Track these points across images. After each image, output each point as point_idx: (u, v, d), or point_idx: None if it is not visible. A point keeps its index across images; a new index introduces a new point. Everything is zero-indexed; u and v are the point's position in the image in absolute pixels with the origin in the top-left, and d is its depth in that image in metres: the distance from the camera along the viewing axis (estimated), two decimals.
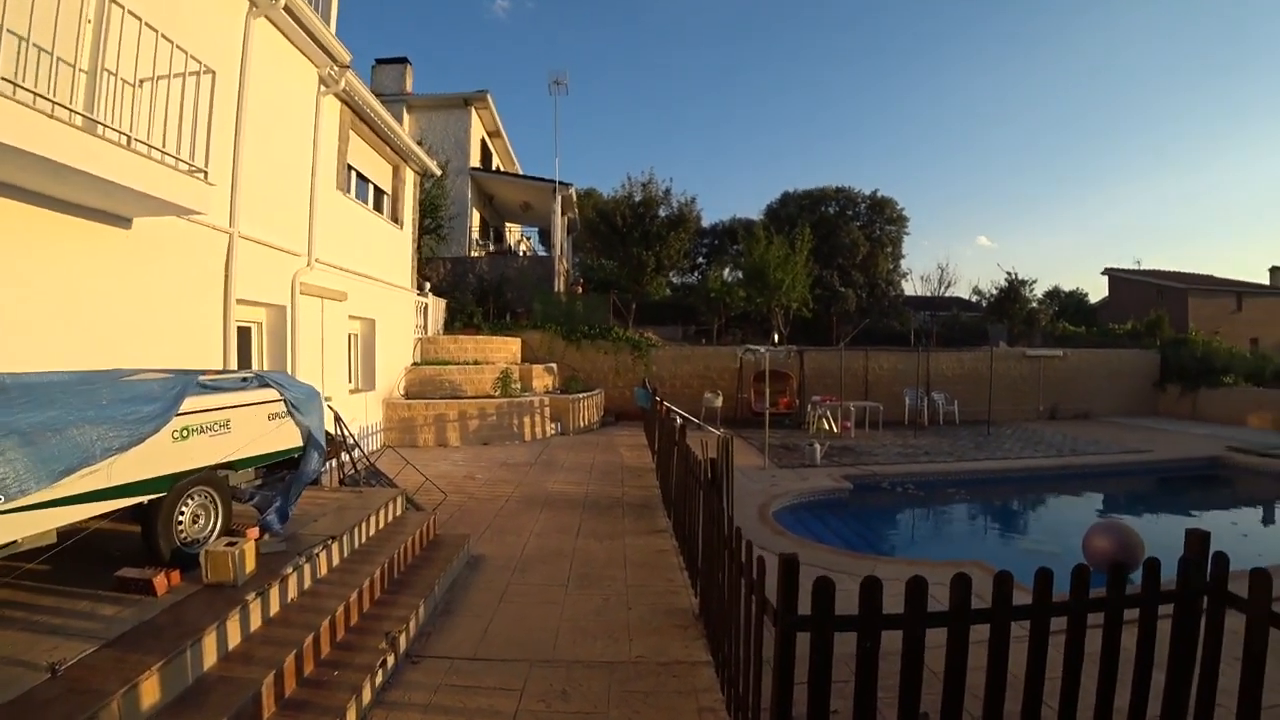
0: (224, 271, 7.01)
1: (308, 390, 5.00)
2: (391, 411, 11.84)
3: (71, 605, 3.39)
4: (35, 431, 2.94)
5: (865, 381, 17.97)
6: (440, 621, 4.46)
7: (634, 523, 7.07)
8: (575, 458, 11.19)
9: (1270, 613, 2.49)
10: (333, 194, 9.52)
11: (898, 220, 29.91)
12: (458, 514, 7.24)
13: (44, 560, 3.88)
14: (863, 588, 2.49)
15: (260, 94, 7.50)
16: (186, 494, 3.86)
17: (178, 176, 5.25)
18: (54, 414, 3.09)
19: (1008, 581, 2.68)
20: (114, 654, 2.93)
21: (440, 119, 20.86)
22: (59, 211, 5.03)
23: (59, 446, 3.01)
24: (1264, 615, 2.50)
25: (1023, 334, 23.45)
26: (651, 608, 4.69)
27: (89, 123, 4.68)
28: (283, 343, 8.37)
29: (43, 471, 2.91)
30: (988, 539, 9.04)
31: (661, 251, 18.50)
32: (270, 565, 3.95)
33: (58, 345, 5.02)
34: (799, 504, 8.97)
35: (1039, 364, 19.19)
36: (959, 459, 12.13)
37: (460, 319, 17.23)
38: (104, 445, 3.23)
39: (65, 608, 3.36)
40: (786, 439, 13.78)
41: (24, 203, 4.74)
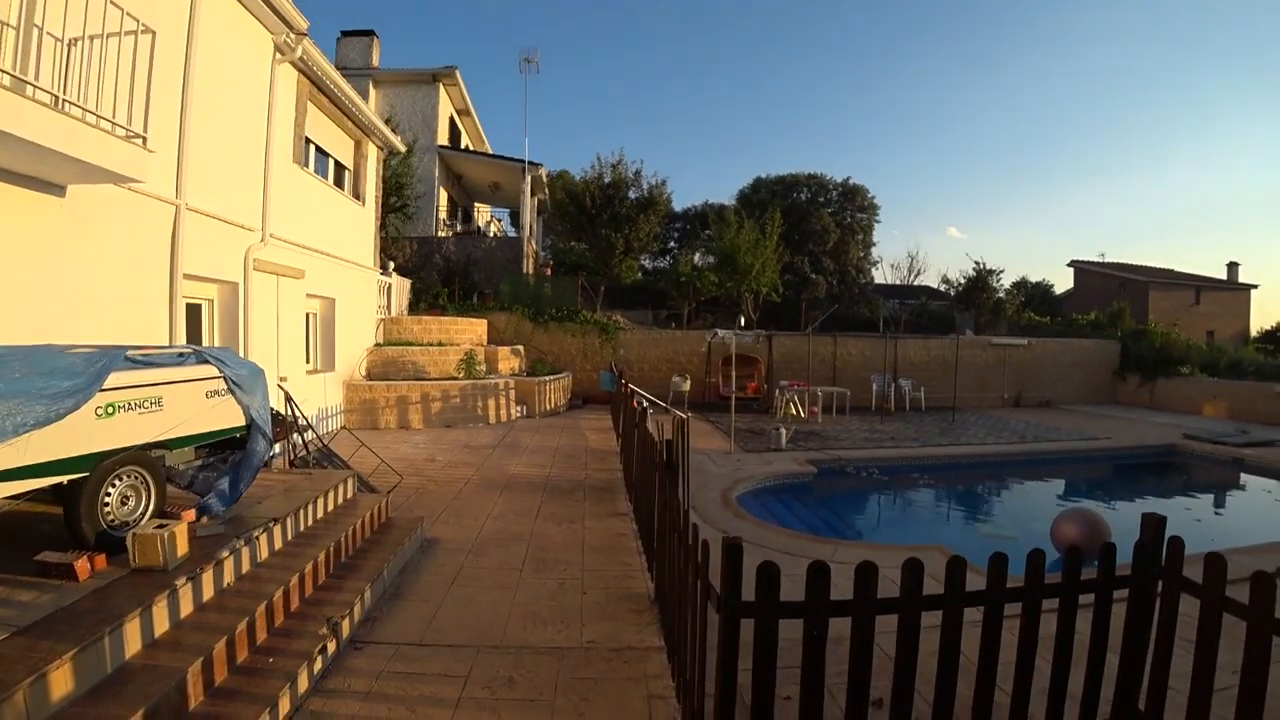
0: (170, 245, 6.70)
1: (250, 368, 4.79)
2: (352, 393, 11.57)
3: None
4: None
5: (834, 367, 18.10)
6: (388, 606, 4.33)
7: (595, 506, 7.00)
8: (539, 440, 11.06)
9: (1224, 597, 2.49)
10: (289, 167, 9.17)
11: (869, 208, 30.10)
12: (415, 497, 7.08)
13: None
14: (809, 573, 2.43)
15: (210, 60, 7.14)
16: (113, 474, 3.65)
17: (112, 141, 4.96)
18: None
19: (961, 567, 2.65)
20: (25, 642, 2.75)
21: (408, 95, 20.32)
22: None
23: None
24: (1218, 600, 2.50)
25: (990, 323, 23.83)
26: (607, 592, 4.62)
27: (16, 82, 4.39)
28: (235, 321, 8.07)
29: None
30: (950, 524, 9.15)
31: (631, 234, 18.31)
32: (206, 549, 3.78)
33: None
34: (763, 488, 8.99)
35: (1004, 352, 19.51)
36: (924, 444, 12.27)
37: (426, 300, 16.90)
38: (15, 421, 3.03)
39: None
40: (753, 423, 13.81)
41: None
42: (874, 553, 5.77)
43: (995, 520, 9.30)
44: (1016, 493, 10.98)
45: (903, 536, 8.19)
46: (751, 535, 6.20)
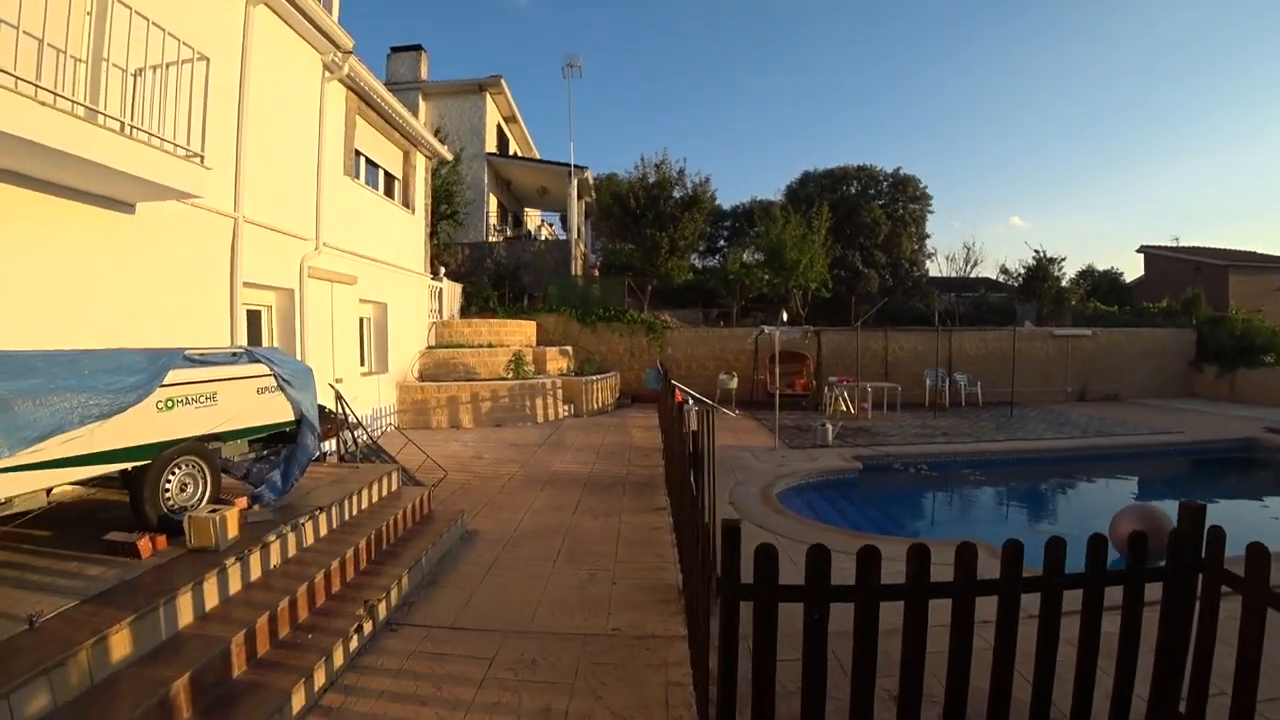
0: (230, 255, 7.15)
1: (298, 366, 5.08)
2: (405, 394, 12.01)
3: (61, 565, 3.53)
4: (11, 398, 3.04)
5: (885, 362, 17.67)
6: (425, 592, 4.52)
7: (633, 500, 7.08)
8: (585, 438, 11.23)
9: (1269, 592, 2.33)
10: (340, 179, 9.62)
11: (921, 199, 29.18)
12: (459, 491, 7.32)
13: (42, 525, 4.08)
14: (809, 557, 2.41)
15: (262, 81, 7.59)
16: (173, 463, 3.95)
17: (173, 161, 5.35)
18: (33, 382, 3.19)
19: (972, 555, 2.56)
20: (91, 609, 3.04)
21: (455, 105, 20.95)
22: (62, 197, 5.17)
23: (33, 414, 3.11)
24: (1262, 594, 2.35)
25: (1053, 314, 22.80)
26: (636, 583, 4.69)
27: (89, 112, 4.79)
28: (292, 325, 8.53)
29: (13, 438, 3.01)
30: (1004, 522, 8.84)
31: (676, 233, 18.33)
32: (255, 533, 4.04)
33: (64, 328, 5.17)
34: (806, 484, 8.88)
35: (1067, 344, 18.65)
36: (977, 440, 11.86)
37: (476, 303, 17.37)
38: (83, 413, 3.33)
39: (54, 568, 3.50)
40: (801, 420, 13.65)
41: (27, 189, 4.88)
42: None
43: (1052, 518, 8.95)
44: (1077, 491, 10.51)
45: (950, 534, 7.93)
46: (789, 531, 6.17)
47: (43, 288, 5.04)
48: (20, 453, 3.06)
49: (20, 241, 4.87)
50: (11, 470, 3.08)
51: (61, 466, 3.32)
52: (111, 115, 4.94)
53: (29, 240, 4.94)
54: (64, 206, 5.18)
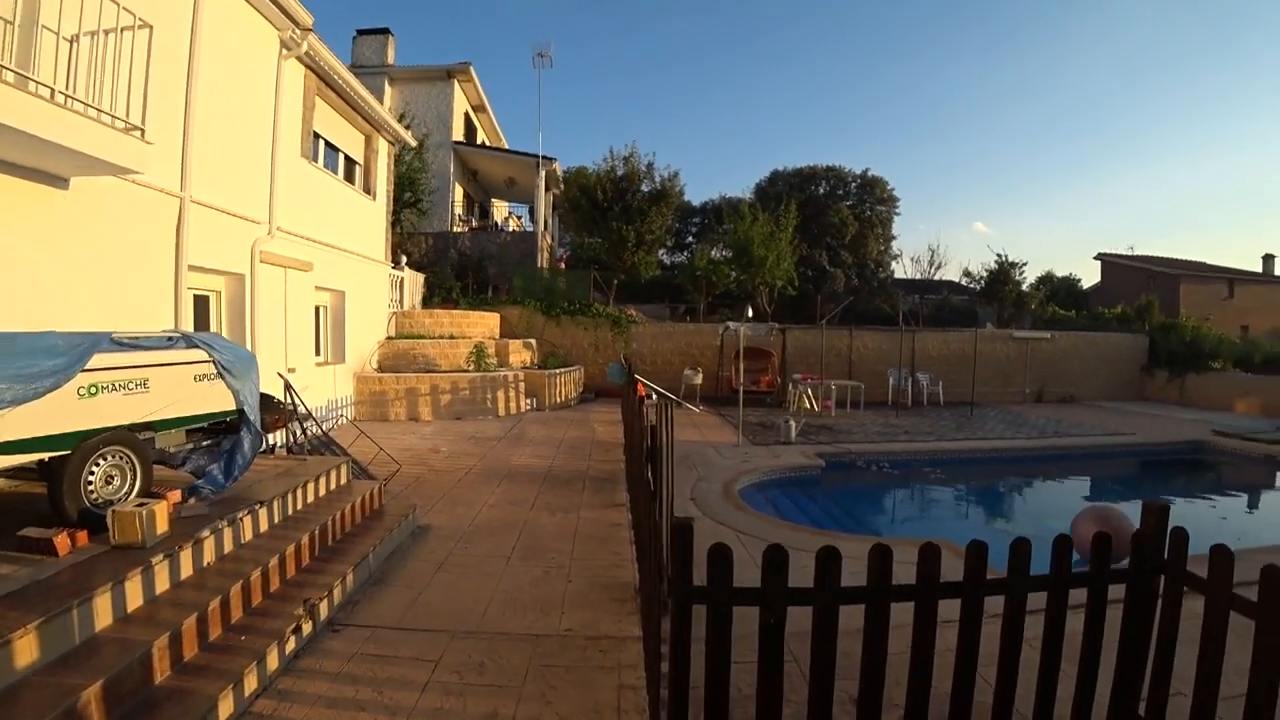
0: (175, 237, 6.81)
1: (241, 353, 4.83)
2: (362, 385, 11.68)
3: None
4: None
5: (849, 361, 17.86)
6: (371, 590, 4.34)
7: (593, 496, 6.96)
8: (546, 432, 11.06)
9: (1231, 594, 2.32)
10: (297, 162, 9.27)
11: (888, 200, 29.57)
12: (413, 485, 7.11)
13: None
14: (766, 557, 2.31)
15: (214, 56, 7.23)
16: (97, 453, 3.70)
17: (110, 134, 5.04)
18: None
19: (935, 556, 2.48)
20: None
21: (423, 92, 20.47)
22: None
23: None
24: (1225, 596, 2.33)
25: (1013, 317, 23.34)
26: (592, 581, 4.57)
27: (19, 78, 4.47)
28: (242, 312, 8.18)
29: None
30: (963, 520, 8.95)
31: (643, 227, 18.20)
32: (189, 528, 3.81)
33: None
34: (768, 480, 8.87)
35: (1026, 346, 19.11)
36: (938, 438, 12.04)
37: (440, 294, 17.01)
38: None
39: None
40: (765, 417, 13.67)
41: None
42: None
43: (1010, 517, 9.09)
44: (1034, 490, 10.73)
45: (911, 532, 8.01)
46: (748, 527, 6.12)
47: None
48: None
49: None
50: None
51: None
52: (42, 82, 4.61)
53: None
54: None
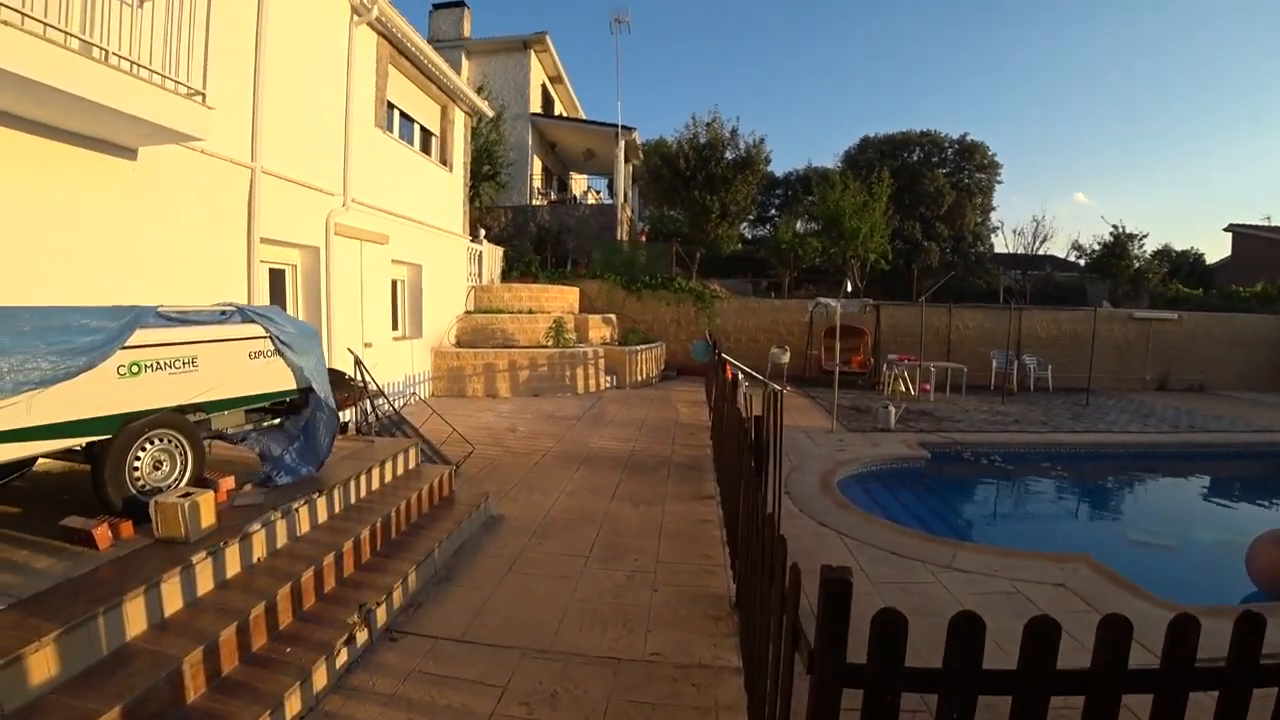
0: (247, 208, 6.61)
1: (303, 327, 4.47)
2: (440, 360, 11.51)
3: (9, 555, 3.01)
4: None
5: (948, 341, 16.45)
6: (435, 591, 3.91)
7: (678, 486, 6.37)
8: (626, 412, 10.55)
9: None
10: (371, 132, 9.00)
11: (989, 167, 26.96)
12: (488, 469, 6.73)
13: (16, 500, 3.62)
14: (952, 627, 1.61)
15: (283, 22, 6.96)
16: (143, 437, 3.38)
17: (169, 98, 4.74)
18: None
19: (1191, 631, 1.62)
20: (15, 617, 2.48)
21: (499, 64, 20.13)
22: (46, 138, 4.63)
23: None
24: None
25: (1128, 295, 20.98)
26: (681, 590, 3.98)
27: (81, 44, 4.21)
28: (317, 286, 8.02)
29: None
30: (1091, 526, 7.82)
31: (727, 197, 17.22)
32: (239, 520, 3.47)
33: (50, 281, 4.68)
34: (867, 473, 8.03)
35: (1148, 328, 17.05)
36: (1054, 429, 10.74)
37: (518, 268, 16.75)
38: (17, 378, 2.76)
39: (2, 557, 2.97)
40: (858, 400, 12.69)
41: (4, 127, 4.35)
42: (1004, 560, 4.80)
43: (1147, 524, 7.83)
44: (1171, 492, 9.36)
45: (1034, 538, 6.99)
46: (853, 529, 5.38)
47: (25, 236, 4.53)
48: None
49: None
50: None
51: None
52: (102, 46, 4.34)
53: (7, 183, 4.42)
54: (49, 148, 4.65)
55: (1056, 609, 3.92)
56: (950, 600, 4.04)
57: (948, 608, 3.96)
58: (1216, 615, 3.93)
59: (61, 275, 4.76)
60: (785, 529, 5.05)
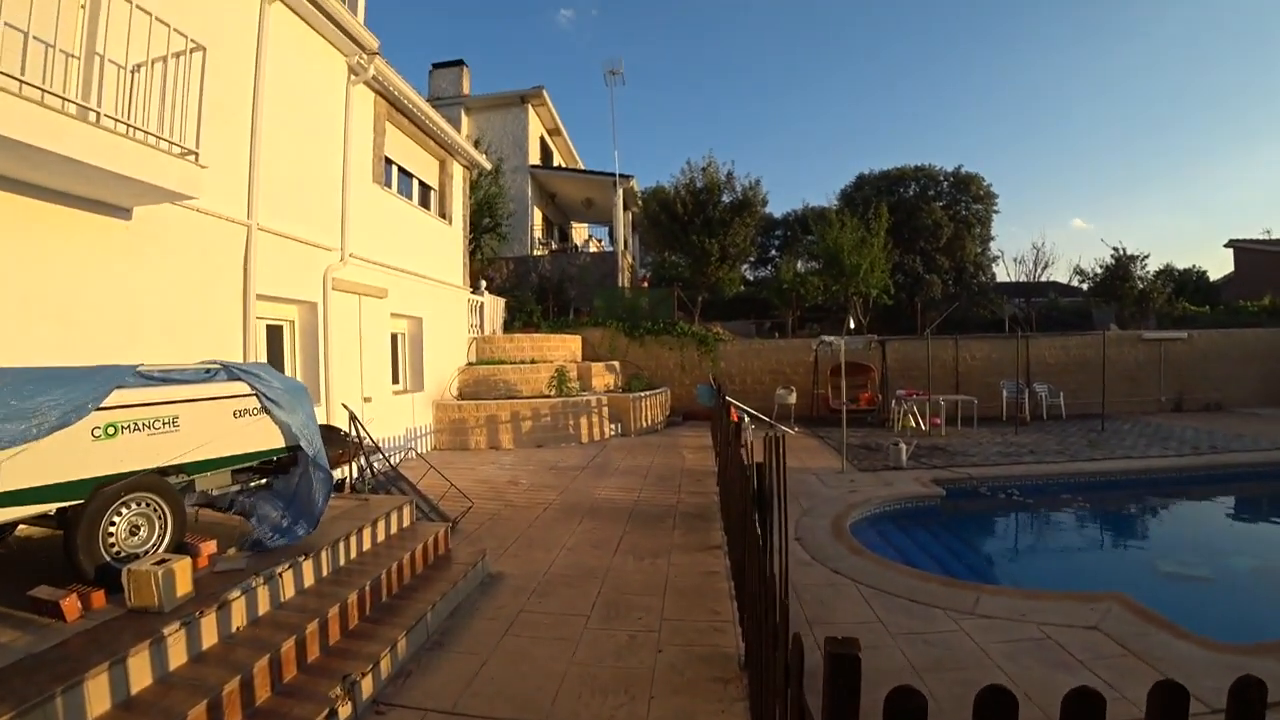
0: (242, 266, 6.61)
1: (290, 384, 4.37)
2: (442, 413, 11.39)
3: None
4: None
5: (956, 373, 16.24)
6: (427, 658, 3.69)
7: (684, 536, 6.14)
8: (631, 461, 10.34)
9: None
10: (368, 187, 9.10)
11: (985, 198, 27.13)
12: (487, 524, 6.53)
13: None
14: (979, 706, 1.35)
15: (280, 83, 7.09)
16: (119, 501, 3.24)
17: (159, 157, 4.76)
18: None
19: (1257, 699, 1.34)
20: None
21: (498, 118, 20.63)
22: (39, 199, 4.65)
23: None
24: None
25: (1134, 317, 20.80)
26: (687, 651, 3.75)
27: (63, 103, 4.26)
28: (315, 341, 7.97)
29: None
30: (1119, 559, 7.50)
31: (726, 239, 17.32)
32: (218, 586, 3.29)
33: (46, 341, 4.63)
34: (881, 514, 7.76)
35: (1159, 348, 16.84)
36: (1071, 458, 10.44)
37: (520, 318, 16.78)
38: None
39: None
40: (868, 438, 12.44)
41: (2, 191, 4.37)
42: (1031, 603, 4.54)
43: (1177, 554, 7.50)
44: (1200, 518, 9.01)
45: (1060, 576, 6.70)
46: (868, 575, 5.13)
47: (20, 298, 4.50)
48: None
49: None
50: None
51: None
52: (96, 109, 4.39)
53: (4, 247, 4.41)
54: (43, 209, 4.65)
55: (1091, 655, 3.67)
56: (975, 650, 3.78)
57: (972, 659, 3.74)
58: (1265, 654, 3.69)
59: (57, 336, 4.72)
60: (796, 578, 4.82)
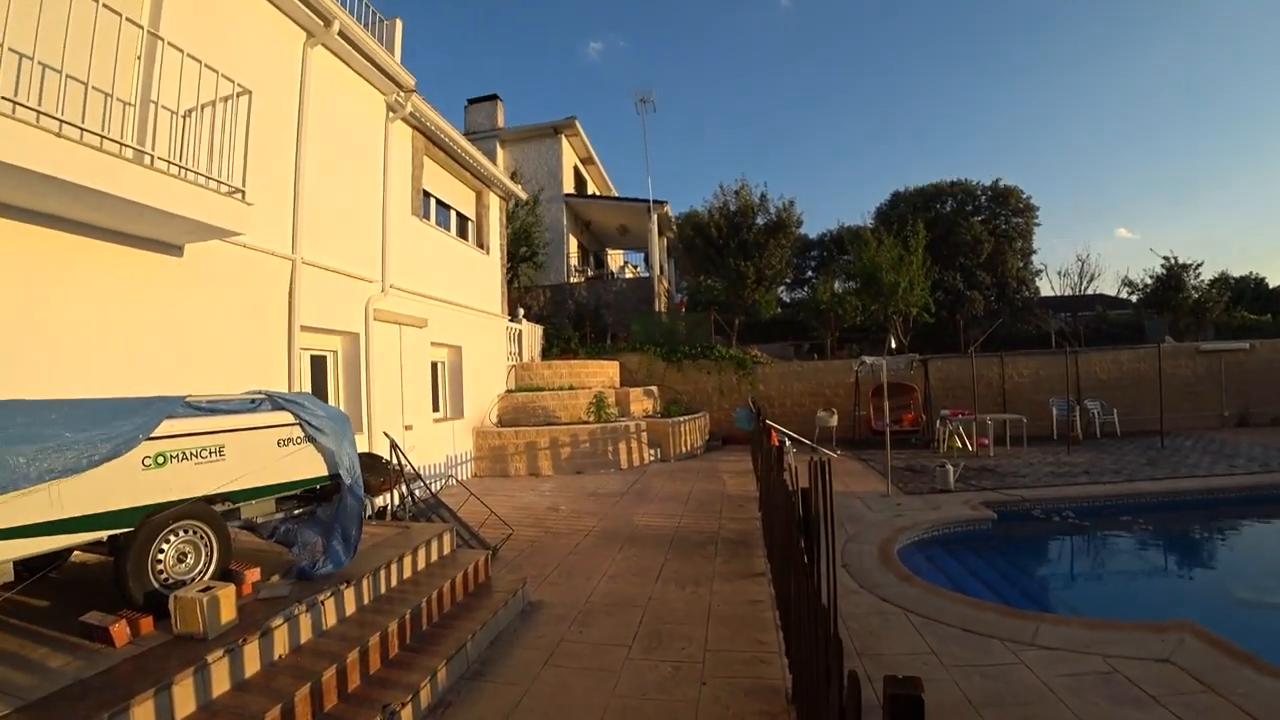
0: (288, 298, 6.80)
1: (332, 413, 4.43)
2: (482, 440, 11.47)
3: (27, 651, 2.95)
4: None
5: (1002, 391, 15.72)
6: (467, 688, 3.63)
7: (726, 564, 6.00)
8: (671, 486, 10.22)
9: None
10: (407, 220, 9.33)
11: (1025, 211, 26.47)
12: (527, 551, 6.48)
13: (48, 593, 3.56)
14: None
15: (322, 122, 7.37)
16: (167, 529, 3.31)
17: (209, 196, 4.96)
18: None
19: None
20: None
21: (532, 150, 21.08)
22: (103, 240, 4.88)
23: None
24: None
25: (1190, 328, 19.91)
26: (731, 683, 3.61)
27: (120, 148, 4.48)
28: (358, 371, 8.13)
29: None
30: (1185, 585, 7.06)
31: (762, 261, 17.26)
32: (262, 614, 3.31)
33: (105, 374, 4.83)
34: (930, 538, 7.47)
35: (1218, 360, 16.03)
36: (1129, 478, 9.92)
37: (558, 345, 16.91)
38: (41, 467, 2.73)
39: (20, 654, 2.92)
40: (913, 460, 12.07)
41: (61, 231, 4.59)
42: (1094, 633, 4.28)
43: (1251, 579, 7.01)
44: (1274, 540, 8.43)
45: (1123, 604, 6.32)
46: (918, 604, 4.91)
47: (82, 333, 4.72)
48: None
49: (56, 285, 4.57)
50: None
51: (16, 536, 2.72)
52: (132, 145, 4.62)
53: (67, 284, 4.64)
54: (102, 248, 4.87)
55: (1166, 690, 3.42)
56: (1036, 684, 3.56)
57: (1034, 694, 3.51)
58: None
59: (112, 368, 4.91)
60: (843, 606, 4.64)
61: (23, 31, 3.81)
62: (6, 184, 3.88)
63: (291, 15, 6.88)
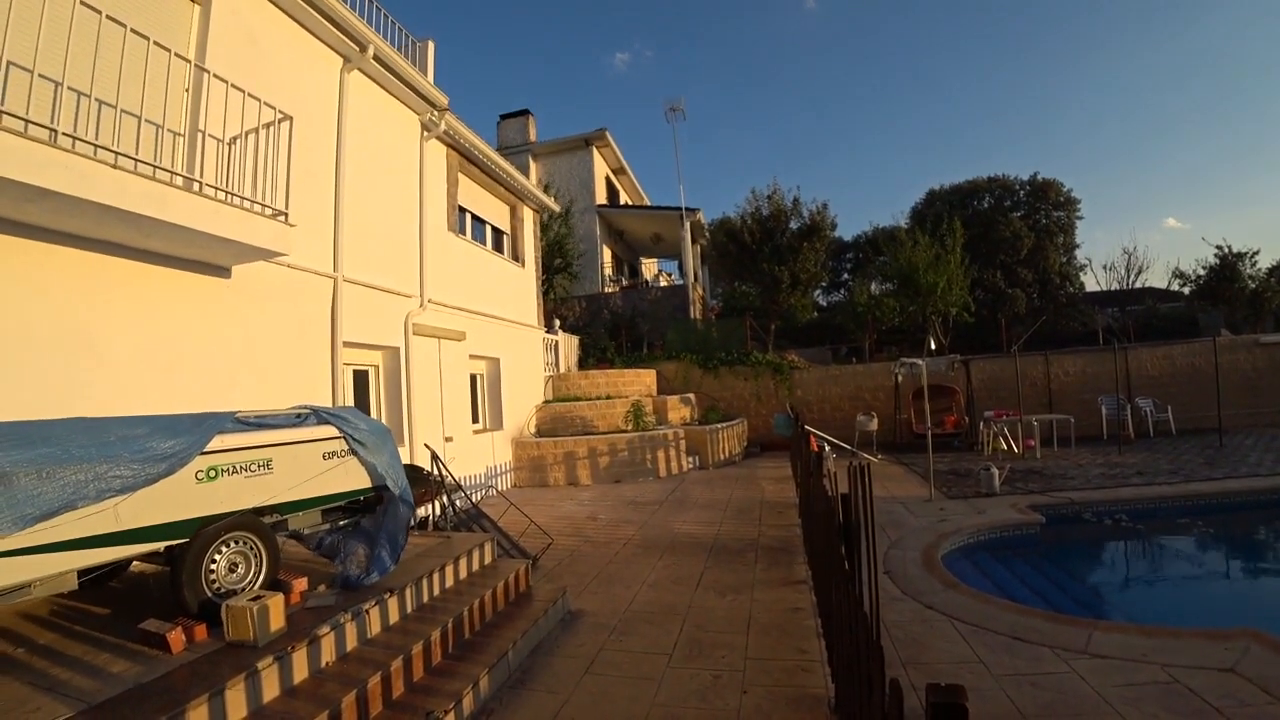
0: (330, 315, 7.01)
1: (375, 426, 4.54)
2: (521, 450, 11.59)
3: (90, 657, 3.07)
4: (11, 471, 2.60)
5: (1048, 391, 15.24)
6: (508, 696, 3.67)
7: (767, 571, 5.94)
8: (710, 494, 10.17)
9: None
10: (444, 235, 9.53)
11: (1066, 204, 25.53)
12: (567, 560, 6.53)
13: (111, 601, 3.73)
14: None
15: (360, 144, 7.60)
16: (219, 540, 3.43)
17: (254, 219, 5.16)
18: (42, 452, 2.75)
19: None
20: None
21: (564, 162, 21.33)
22: (156, 264, 5.11)
23: (37, 488, 2.65)
24: None
25: (1247, 320, 18.96)
26: (773, 692, 3.58)
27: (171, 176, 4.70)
28: (398, 384, 8.31)
29: (13, 516, 2.55)
30: (1246, 589, 6.73)
31: (796, 265, 17.10)
32: (309, 622, 3.41)
33: (157, 392, 5.03)
34: (975, 543, 7.27)
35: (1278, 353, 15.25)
36: (1186, 479, 9.49)
37: (594, 355, 17.01)
38: (100, 486, 2.86)
39: (84, 659, 3.05)
40: (956, 463, 11.78)
41: (117, 256, 4.83)
42: (1151, 641, 4.11)
43: None
44: None
45: (1181, 610, 6.06)
46: (964, 611, 4.79)
47: (137, 352, 4.94)
48: (22, 532, 2.61)
49: (113, 308, 4.80)
50: (21, 553, 2.64)
51: (80, 548, 2.86)
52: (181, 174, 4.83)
53: (122, 306, 4.86)
54: (155, 272, 5.10)
55: (1232, 702, 3.26)
56: (1091, 695, 3.43)
57: (1088, 705, 3.39)
58: None
59: (165, 385, 5.12)
60: (886, 614, 4.54)
61: (80, 70, 4.03)
62: (69, 214, 4.10)
63: (329, 42, 7.13)
